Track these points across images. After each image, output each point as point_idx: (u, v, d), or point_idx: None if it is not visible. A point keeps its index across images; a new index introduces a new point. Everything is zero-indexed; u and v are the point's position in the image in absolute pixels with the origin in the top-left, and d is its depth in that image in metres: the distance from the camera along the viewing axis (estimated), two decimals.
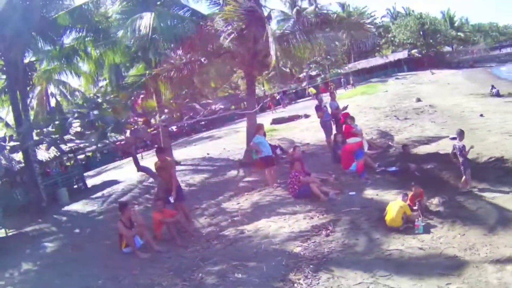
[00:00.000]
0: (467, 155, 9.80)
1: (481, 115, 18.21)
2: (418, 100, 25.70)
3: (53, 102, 32.00)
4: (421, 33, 65.77)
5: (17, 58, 15.88)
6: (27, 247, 11.37)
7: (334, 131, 15.34)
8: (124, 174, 20.14)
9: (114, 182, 18.86)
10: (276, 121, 28.60)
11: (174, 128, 47.14)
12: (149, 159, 19.79)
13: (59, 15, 16.50)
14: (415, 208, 8.80)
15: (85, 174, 23.37)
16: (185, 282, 7.46)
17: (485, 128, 15.60)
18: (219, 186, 14.27)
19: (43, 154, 18.69)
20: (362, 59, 66.41)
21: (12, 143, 12.68)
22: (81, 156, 34.04)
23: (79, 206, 15.76)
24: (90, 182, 20.99)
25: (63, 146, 16.96)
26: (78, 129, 12.17)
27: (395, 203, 8.52)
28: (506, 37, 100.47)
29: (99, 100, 12.62)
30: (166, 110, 18.78)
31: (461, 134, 10.09)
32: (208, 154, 20.47)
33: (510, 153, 11.62)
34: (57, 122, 11.55)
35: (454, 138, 14.67)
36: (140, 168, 15.45)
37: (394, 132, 17.95)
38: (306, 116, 28.06)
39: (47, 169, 21.24)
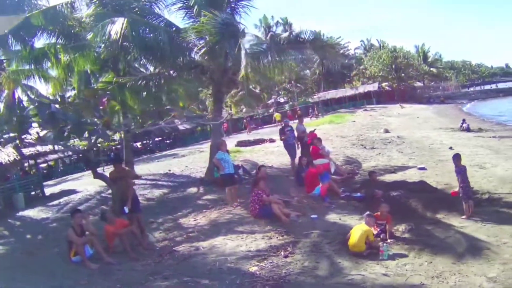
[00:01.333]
0: (466, 180, 9.71)
1: (451, 148, 18.43)
2: (386, 131, 25.97)
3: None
4: (393, 66, 67.06)
5: None
6: None
7: (299, 154, 15.20)
8: (83, 185, 19.32)
9: (72, 192, 18.05)
10: (241, 144, 28.29)
11: (138, 144, 46.50)
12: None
13: (32, 14, 15.95)
14: (378, 230, 8.63)
15: (46, 183, 22.85)
16: None
17: None
18: (177, 202, 13.75)
19: (3, 156, 17.92)
20: (332, 89, 67.24)
21: None
22: (43, 165, 33.09)
23: (34, 213, 15.05)
24: (49, 191, 20.22)
25: (24, 151, 16.36)
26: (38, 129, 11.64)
27: (358, 227, 8.24)
28: (478, 75, 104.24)
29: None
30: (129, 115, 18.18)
31: (457, 157, 10.08)
32: (169, 170, 19.92)
33: (479, 184, 11.73)
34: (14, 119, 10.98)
35: (422, 168, 14.94)
36: (96, 175, 14.89)
37: (361, 159, 17.95)
38: (272, 140, 27.95)
39: (7, 174, 20.53)
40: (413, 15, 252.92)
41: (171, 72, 15.53)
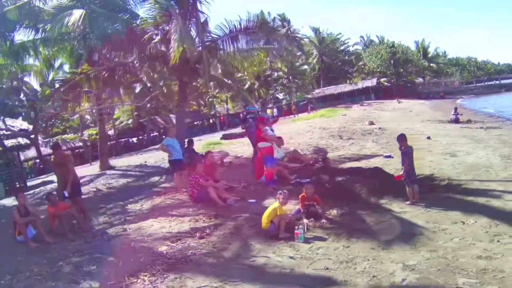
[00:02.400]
0: (411, 163, 9.25)
1: (428, 138, 18.51)
2: (371, 123, 25.92)
3: None
4: (392, 62, 66.53)
5: None
6: None
7: None
8: None
9: (50, 182, 18.45)
10: (226, 137, 28.53)
11: (134, 140, 47.01)
12: None
13: (9, 9, 16.22)
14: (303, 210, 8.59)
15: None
16: (49, 269, 7.25)
17: (427, 148, 15.85)
18: (135, 190, 13.90)
19: None
20: (333, 85, 67.03)
21: None
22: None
23: (9, 201, 15.29)
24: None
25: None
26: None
27: (271, 206, 8.20)
28: (483, 72, 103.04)
29: None
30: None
31: (401, 138, 9.52)
32: (145, 162, 20.13)
33: (442, 171, 11.64)
34: None
35: (388, 156, 14.90)
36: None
37: (331, 149, 17.92)
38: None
39: None
40: (418, 11, 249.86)
41: (135, 62, 15.63)
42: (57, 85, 17.53)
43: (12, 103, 12.63)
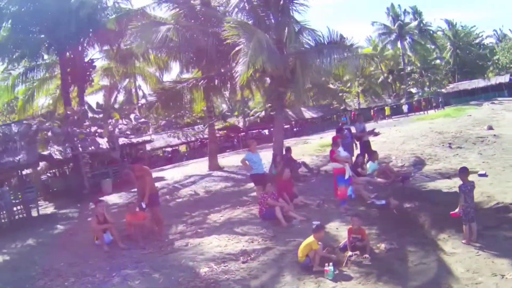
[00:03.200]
0: (470, 201, 8.40)
1: None
2: (490, 128, 23.11)
3: None
4: None
5: None
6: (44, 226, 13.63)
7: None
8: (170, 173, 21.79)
9: (161, 179, 20.28)
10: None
11: (266, 131, 48.56)
12: None
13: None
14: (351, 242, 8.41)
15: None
16: (104, 277, 8.30)
17: None
18: (226, 197, 14.68)
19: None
20: (468, 79, 61.51)
21: None
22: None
23: (115, 198, 17.14)
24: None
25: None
26: None
27: (307, 239, 8.18)
28: None
29: None
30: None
31: (463, 172, 8.71)
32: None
33: None
34: None
35: (482, 175, 13.36)
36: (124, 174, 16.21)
37: (432, 161, 16.57)
38: (375, 134, 26.94)
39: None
40: None
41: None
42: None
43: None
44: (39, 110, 23.85)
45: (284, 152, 16.12)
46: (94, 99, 35.70)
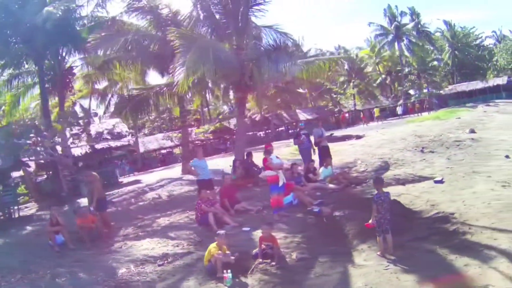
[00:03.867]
0: (383, 211, 8.22)
1: (507, 156, 15.05)
2: (472, 131, 23.19)
3: None
4: None
5: None
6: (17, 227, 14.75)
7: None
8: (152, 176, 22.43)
9: (138, 182, 21.39)
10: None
11: (261, 133, 49.23)
12: None
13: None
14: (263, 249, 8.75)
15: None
16: (43, 274, 9.04)
17: (488, 173, 12.89)
18: (185, 201, 15.33)
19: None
20: (467, 81, 61.25)
21: None
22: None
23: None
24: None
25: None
26: None
27: (211, 245, 8.67)
28: None
29: None
30: None
31: (377, 182, 8.77)
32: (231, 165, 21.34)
33: (468, 211, 9.52)
34: None
35: (438, 182, 13.05)
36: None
37: (397, 166, 16.74)
38: (358, 137, 27.46)
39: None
40: None
41: None
42: None
43: None
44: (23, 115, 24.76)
45: (245, 157, 16.82)
46: (86, 104, 36.47)
